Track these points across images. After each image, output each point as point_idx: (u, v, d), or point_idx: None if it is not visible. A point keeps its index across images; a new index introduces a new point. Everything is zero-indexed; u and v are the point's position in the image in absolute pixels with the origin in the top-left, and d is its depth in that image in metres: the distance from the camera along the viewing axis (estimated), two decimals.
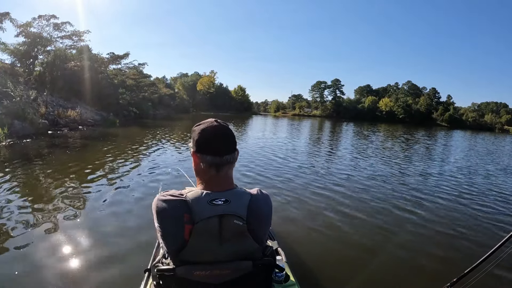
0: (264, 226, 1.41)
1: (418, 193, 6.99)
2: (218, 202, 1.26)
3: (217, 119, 1.43)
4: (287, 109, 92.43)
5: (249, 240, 1.31)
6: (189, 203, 1.25)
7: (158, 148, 11.54)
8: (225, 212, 1.25)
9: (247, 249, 1.33)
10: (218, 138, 1.36)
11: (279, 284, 2.00)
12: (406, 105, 79.37)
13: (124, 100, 26.02)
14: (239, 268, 1.31)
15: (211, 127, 1.37)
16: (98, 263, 3.22)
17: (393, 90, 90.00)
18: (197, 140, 1.36)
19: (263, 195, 1.42)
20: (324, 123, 47.14)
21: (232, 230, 1.26)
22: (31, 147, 9.92)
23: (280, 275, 2.00)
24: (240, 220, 1.27)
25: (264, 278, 1.45)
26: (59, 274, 2.99)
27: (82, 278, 2.98)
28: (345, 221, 4.95)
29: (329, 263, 3.66)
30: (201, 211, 1.24)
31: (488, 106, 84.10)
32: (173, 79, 77.99)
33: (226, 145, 1.37)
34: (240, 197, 1.32)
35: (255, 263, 1.33)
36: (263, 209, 1.39)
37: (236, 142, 1.42)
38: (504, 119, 75.44)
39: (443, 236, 4.64)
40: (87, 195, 5.44)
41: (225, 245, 1.28)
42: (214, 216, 1.24)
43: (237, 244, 1.30)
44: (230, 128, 1.42)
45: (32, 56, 17.87)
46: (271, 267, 1.45)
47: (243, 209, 1.29)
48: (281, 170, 8.61)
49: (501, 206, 6.39)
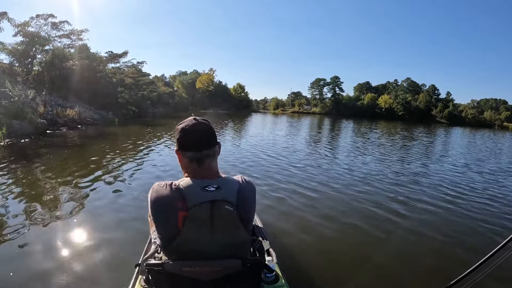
0: (251, 211, 1.48)
1: (417, 191, 6.98)
2: (210, 189, 1.32)
3: (196, 117, 1.50)
4: (287, 107, 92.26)
5: (239, 229, 1.36)
6: (182, 190, 1.31)
7: (158, 146, 11.56)
8: (216, 198, 1.31)
9: (238, 241, 1.38)
10: (197, 135, 1.44)
11: (269, 285, 2.02)
12: (406, 102, 79.21)
13: (123, 98, 25.99)
14: (228, 266, 1.34)
15: (190, 125, 1.45)
16: (95, 260, 3.29)
17: (393, 87, 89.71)
18: (178, 139, 1.47)
19: (248, 182, 1.50)
20: (324, 121, 47.08)
21: (223, 216, 1.32)
22: (30, 147, 9.95)
23: (270, 275, 2.02)
24: (230, 205, 1.33)
25: (253, 277, 1.49)
26: (53, 271, 3.03)
27: (77, 273, 3.03)
28: (338, 222, 4.91)
29: (320, 265, 3.63)
30: (194, 196, 1.30)
31: (488, 103, 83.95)
32: (172, 77, 77.84)
33: (205, 140, 1.44)
34: (230, 184, 1.40)
35: (244, 262, 1.36)
36: (250, 195, 1.46)
37: (215, 137, 1.49)
38: (503, 116, 75.33)
39: (441, 237, 4.57)
40: (86, 194, 5.45)
41: (216, 234, 1.32)
42: (206, 202, 1.29)
43: (228, 233, 1.35)
44: (209, 124, 1.49)
45: (30, 56, 17.87)
46: (260, 267, 1.49)
47: (233, 195, 1.36)
48: (272, 168, 8.54)
49: (501, 208, 6.26)
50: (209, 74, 77.74)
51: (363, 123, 43.29)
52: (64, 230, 4.01)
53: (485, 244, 4.34)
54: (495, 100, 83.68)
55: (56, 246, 3.55)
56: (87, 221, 4.32)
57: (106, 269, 3.15)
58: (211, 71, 79.56)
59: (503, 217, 5.67)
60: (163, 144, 12.28)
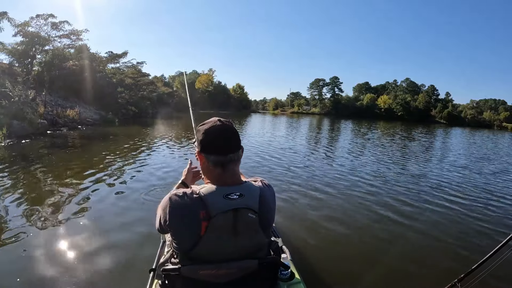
0: (272, 216, 1.46)
1: (420, 192, 7.02)
2: (233, 197, 1.28)
3: (221, 118, 1.44)
4: (286, 107, 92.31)
5: (259, 234, 1.34)
6: (204, 199, 1.26)
7: (159, 147, 11.52)
8: (240, 206, 1.27)
9: (257, 244, 1.36)
10: (222, 138, 1.37)
11: (284, 282, 2.00)
12: (405, 102, 79.38)
13: (123, 99, 25.97)
14: (244, 267, 1.32)
15: (215, 126, 1.38)
16: (102, 264, 3.24)
17: (392, 87, 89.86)
18: (201, 140, 1.39)
19: (269, 187, 1.47)
20: (323, 121, 47.10)
21: (246, 223, 1.29)
22: (30, 147, 9.91)
23: (285, 273, 1.99)
24: (253, 213, 1.30)
25: (269, 276, 1.48)
26: (59, 275, 2.99)
27: (86, 279, 2.97)
28: (350, 219, 4.99)
29: (334, 261, 3.68)
30: (216, 205, 1.25)
31: (487, 103, 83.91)
32: (171, 77, 77.83)
33: (230, 144, 1.38)
34: (252, 191, 1.35)
35: (261, 261, 1.35)
36: (271, 200, 1.44)
37: (240, 140, 1.43)
38: (502, 116, 75.39)
39: (447, 237, 4.59)
40: (87, 196, 5.41)
41: (237, 239, 1.30)
42: (229, 210, 1.25)
43: (249, 238, 1.32)
44: (233, 126, 1.43)
45: (30, 56, 17.77)
46: (277, 266, 1.48)
47: (255, 202, 1.32)
48: (283, 166, 8.62)
49: (505, 207, 6.32)
50: (208, 74, 77.63)
51: (362, 124, 43.38)
52: (67, 231, 4.00)
53: (498, 237, 4.45)
54: (494, 101, 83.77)
55: (59, 250, 3.53)
56: (90, 224, 4.28)
57: (115, 273, 3.12)
58: (210, 71, 79.47)
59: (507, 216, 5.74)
60: (165, 145, 12.24)
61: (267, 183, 1.48)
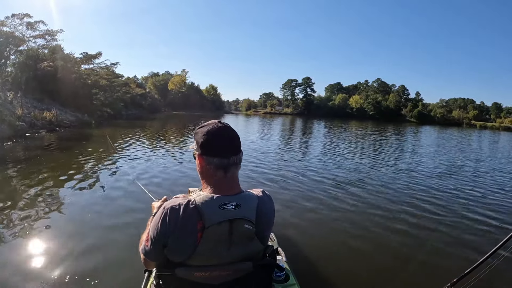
0: (270, 227, 1.42)
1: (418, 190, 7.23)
2: (229, 207, 1.24)
3: (220, 120, 1.42)
4: (259, 107, 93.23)
5: (255, 242, 1.33)
6: (200, 209, 1.22)
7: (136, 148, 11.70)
8: (236, 217, 1.24)
9: (253, 251, 1.34)
10: (224, 140, 1.34)
11: (279, 284, 2.05)
12: (376, 102, 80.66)
13: (98, 100, 25.76)
14: (239, 269, 1.31)
15: (216, 128, 1.35)
16: (96, 265, 3.27)
17: (363, 87, 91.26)
18: (202, 143, 1.34)
19: (268, 197, 1.43)
20: (296, 121, 47.64)
21: (242, 234, 1.27)
22: (14, 150, 9.96)
23: (280, 274, 2.04)
24: (249, 224, 1.27)
25: (264, 278, 1.44)
26: (51, 281, 2.97)
27: (80, 280, 2.99)
28: (344, 222, 5.05)
29: (328, 263, 3.74)
30: (212, 216, 1.22)
31: (456, 102, 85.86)
32: (144, 78, 76.98)
33: (232, 146, 1.35)
34: (249, 201, 1.31)
35: (255, 263, 1.33)
36: (268, 211, 1.40)
37: (241, 143, 1.39)
38: (471, 115, 77.50)
39: (443, 236, 4.69)
40: (69, 199, 5.44)
41: (232, 248, 1.28)
42: (225, 221, 1.23)
43: (244, 247, 1.30)
44: (233, 129, 1.41)
45: (4, 56, 17.46)
46: (271, 267, 1.44)
47: (253, 212, 1.29)
48: (274, 170, 8.74)
49: (500, 206, 6.45)
50: (181, 75, 77.15)
51: (335, 123, 43.95)
52: (52, 235, 3.97)
53: (491, 241, 4.45)
54: (463, 100, 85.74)
55: (48, 252, 3.52)
56: (77, 226, 4.31)
57: (109, 274, 3.15)
58: (183, 72, 79.09)
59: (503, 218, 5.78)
60: (141, 145, 12.39)
61: (268, 194, 1.45)
